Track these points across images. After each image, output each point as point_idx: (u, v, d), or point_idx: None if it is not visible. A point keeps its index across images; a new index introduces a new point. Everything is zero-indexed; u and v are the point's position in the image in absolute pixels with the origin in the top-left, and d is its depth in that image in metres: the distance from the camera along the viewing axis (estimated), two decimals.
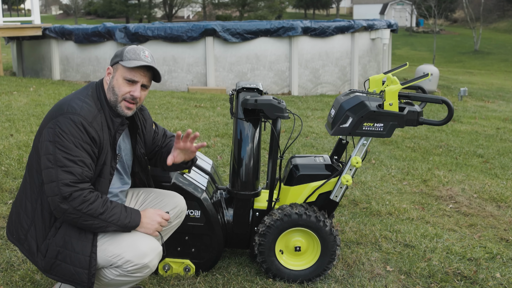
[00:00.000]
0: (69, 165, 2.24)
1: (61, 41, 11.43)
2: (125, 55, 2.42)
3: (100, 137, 2.35)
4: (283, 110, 3.00)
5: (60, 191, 2.23)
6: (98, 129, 2.35)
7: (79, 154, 2.26)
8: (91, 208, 2.26)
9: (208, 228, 3.07)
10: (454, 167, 5.73)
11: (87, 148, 2.29)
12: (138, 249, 2.33)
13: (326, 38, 11.11)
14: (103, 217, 2.29)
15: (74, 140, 2.26)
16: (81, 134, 2.28)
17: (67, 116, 2.29)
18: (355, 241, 3.69)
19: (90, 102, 2.38)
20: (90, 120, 2.32)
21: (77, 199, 2.24)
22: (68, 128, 2.26)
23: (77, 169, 2.25)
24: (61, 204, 2.24)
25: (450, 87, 14.54)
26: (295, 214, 3.01)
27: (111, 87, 2.43)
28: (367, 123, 2.92)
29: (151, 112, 7.58)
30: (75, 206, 2.24)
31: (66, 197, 2.23)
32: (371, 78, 3.22)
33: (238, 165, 3.11)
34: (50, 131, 2.28)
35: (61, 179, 2.23)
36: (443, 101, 2.93)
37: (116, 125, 2.44)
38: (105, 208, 2.30)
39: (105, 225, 2.31)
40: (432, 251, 3.59)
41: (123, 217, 2.34)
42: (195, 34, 10.39)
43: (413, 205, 4.49)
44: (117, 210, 2.33)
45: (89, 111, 2.34)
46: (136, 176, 2.72)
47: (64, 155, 2.24)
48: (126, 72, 2.42)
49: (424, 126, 7.85)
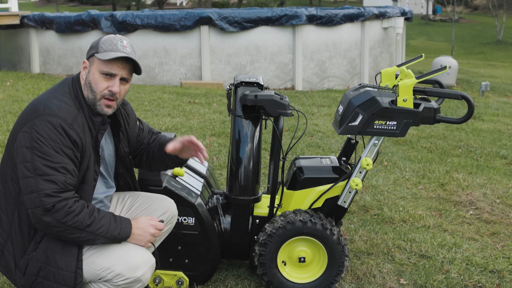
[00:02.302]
0: (50, 173, 2.22)
1: (41, 31, 11.43)
2: (101, 46, 2.38)
3: (82, 139, 2.33)
4: (286, 107, 3.00)
5: (42, 203, 2.21)
6: (80, 131, 2.32)
7: (61, 160, 2.24)
8: (76, 220, 2.25)
9: (203, 237, 3.07)
10: (475, 170, 5.73)
11: (68, 153, 2.27)
12: (129, 261, 2.33)
13: (334, 27, 11.12)
14: (90, 229, 2.28)
15: (54, 145, 2.24)
16: (61, 137, 2.25)
17: (45, 118, 2.26)
18: (365, 251, 3.69)
19: (68, 101, 2.35)
20: (70, 122, 2.29)
21: (61, 211, 2.22)
22: (47, 131, 2.24)
23: (60, 177, 2.23)
24: (43, 217, 2.23)
25: (470, 81, 14.54)
26: (299, 222, 3.01)
27: (87, 83, 2.40)
28: (378, 121, 2.92)
29: (140, 109, 7.58)
30: (59, 218, 2.23)
31: (48, 209, 2.21)
32: (383, 71, 3.23)
33: (236, 168, 3.11)
34: (26, 135, 2.25)
35: (42, 189, 2.21)
36: (462, 97, 2.93)
37: (97, 125, 2.42)
38: (92, 219, 2.28)
39: (92, 238, 2.30)
40: (450, 262, 3.59)
41: (112, 229, 2.33)
42: (189, 23, 10.40)
43: (429, 211, 4.49)
44: (105, 221, 2.32)
45: (68, 111, 2.31)
46: (120, 177, 2.71)
47: (44, 162, 2.22)
48: (102, 65, 2.38)
49: (442, 124, 7.85)
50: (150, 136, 2.80)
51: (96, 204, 2.53)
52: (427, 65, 16.46)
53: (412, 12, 13.52)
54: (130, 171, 2.73)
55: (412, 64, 3.28)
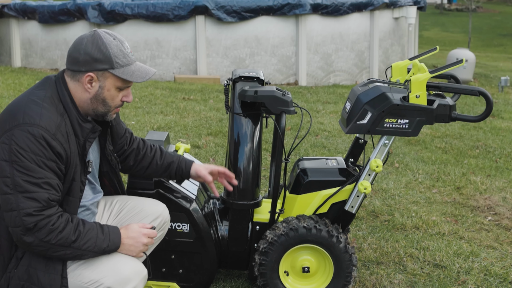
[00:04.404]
0: (31, 190, 2.20)
1: (23, 21, 11.42)
2: (115, 61, 2.35)
3: (66, 150, 2.31)
4: (289, 104, 3.00)
5: (23, 222, 2.20)
6: (63, 141, 2.30)
7: (43, 175, 2.22)
8: (61, 237, 2.24)
9: (198, 245, 3.07)
10: (494, 172, 5.73)
11: (52, 166, 2.25)
12: (119, 273, 2.33)
13: (340, 17, 11.12)
14: (76, 245, 2.27)
15: (36, 158, 2.21)
16: (43, 150, 2.23)
17: (24, 129, 2.22)
18: (374, 261, 3.70)
19: (49, 107, 2.31)
20: (53, 132, 2.26)
21: (44, 229, 2.21)
22: (27, 143, 2.21)
23: (42, 194, 2.21)
24: (24, 237, 2.22)
25: (488, 76, 14.54)
26: (302, 228, 3.01)
27: (100, 99, 2.39)
28: (389, 119, 2.93)
29: (130, 106, 7.59)
30: (42, 237, 2.22)
31: (30, 229, 2.20)
32: (394, 65, 3.23)
33: (235, 170, 3.11)
34: (4, 147, 2.22)
35: (23, 208, 2.19)
36: (480, 93, 2.93)
37: (86, 133, 2.41)
38: (77, 235, 2.27)
39: (79, 253, 2.29)
40: (467, 272, 3.59)
41: (100, 241, 2.32)
42: (183, 13, 10.40)
43: (444, 217, 4.49)
44: (92, 234, 2.31)
45: (50, 119, 2.28)
46: (105, 176, 2.71)
47: (25, 178, 2.20)
48: (120, 82, 2.40)
49: (458, 122, 7.85)
50: (133, 141, 2.84)
51: (83, 212, 2.52)
52: (441, 59, 16.45)
53: (426, 0, 13.52)
54: (116, 170, 2.74)
55: (426, 57, 3.28)
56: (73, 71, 2.38)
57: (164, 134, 3.41)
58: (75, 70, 2.37)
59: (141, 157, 2.84)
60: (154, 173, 2.89)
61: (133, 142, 2.84)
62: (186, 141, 5.96)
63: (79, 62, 2.36)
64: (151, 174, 2.91)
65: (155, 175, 2.92)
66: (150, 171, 2.88)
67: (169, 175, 2.92)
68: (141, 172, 2.88)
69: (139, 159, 2.84)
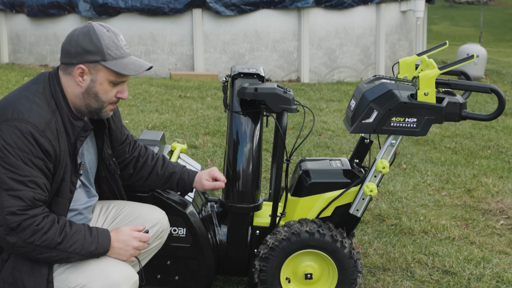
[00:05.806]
0: (16, 187, 2.21)
1: (10, 14, 11.43)
2: (107, 53, 2.35)
3: (56, 148, 2.32)
4: (290, 102, 3.00)
5: (6, 221, 2.21)
6: (53, 138, 2.31)
7: (29, 173, 2.23)
8: (45, 238, 2.25)
9: (195, 250, 3.07)
10: (506, 173, 5.73)
11: (39, 164, 2.26)
12: (108, 278, 2.33)
13: (345, 10, 11.12)
14: (62, 247, 2.28)
15: (23, 155, 2.23)
16: (30, 147, 2.24)
17: (12, 124, 2.24)
18: (381, 267, 3.70)
19: (41, 103, 2.33)
20: (41, 129, 2.27)
21: (27, 229, 2.22)
22: (14, 140, 2.22)
23: (27, 192, 2.22)
24: (7, 237, 2.23)
25: (501, 73, 14.55)
26: (305, 233, 3.02)
27: (92, 93, 2.39)
28: (396, 118, 2.93)
29: (124, 104, 7.59)
30: (25, 238, 2.23)
31: (13, 228, 2.21)
32: (401, 61, 3.23)
33: (234, 171, 3.11)
34: None
35: (7, 206, 2.20)
36: (492, 90, 2.93)
37: (77, 131, 2.41)
38: (63, 236, 2.28)
39: (65, 256, 2.30)
40: (478, 279, 3.59)
41: (87, 244, 2.32)
42: (179, 6, 10.40)
43: (454, 221, 4.50)
44: (79, 236, 2.31)
45: (40, 116, 2.29)
46: (104, 181, 2.71)
47: (10, 175, 2.21)
48: (113, 75, 2.39)
49: (468, 121, 7.86)
50: (135, 148, 2.84)
51: (75, 216, 2.52)
52: (451, 54, 16.46)
53: None
54: (115, 175, 2.73)
55: (435, 53, 3.28)
56: (65, 64, 2.40)
57: (159, 134, 3.41)
58: (67, 63, 2.39)
59: (140, 165, 2.84)
60: (154, 184, 2.91)
61: (134, 150, 2.85)
62: (183, 141, 5.97)
63: (71, 54, 2.37)
64: (151, 185, 2.92)
65: (156, 186, 2.94)
66: (150, 182, 2.89)
67: (171, 187, 2.93)
68: (141, 182, 2.89)
69: (138, 167, 2.84)
